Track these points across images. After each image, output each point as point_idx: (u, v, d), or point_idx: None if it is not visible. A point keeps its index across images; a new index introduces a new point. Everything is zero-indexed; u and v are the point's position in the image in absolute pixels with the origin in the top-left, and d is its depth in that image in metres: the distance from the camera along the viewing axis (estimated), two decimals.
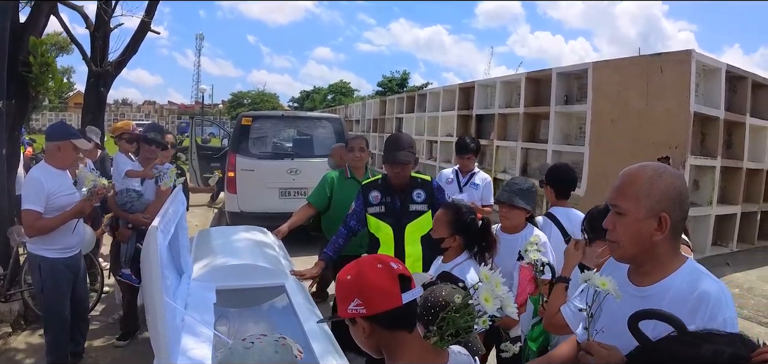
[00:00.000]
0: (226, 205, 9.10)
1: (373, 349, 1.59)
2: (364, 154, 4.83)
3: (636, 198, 1.69)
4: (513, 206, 3.34)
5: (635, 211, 1.69)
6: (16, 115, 6.02)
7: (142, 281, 2.13)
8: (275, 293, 3.16)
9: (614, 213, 1.75)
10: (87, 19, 8.08)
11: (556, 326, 2.46)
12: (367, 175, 4.80)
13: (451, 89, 18.81)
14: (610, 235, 1.77)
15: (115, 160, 5.03)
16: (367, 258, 1.63)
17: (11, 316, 5.33)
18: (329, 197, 4.79)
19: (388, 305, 1.51)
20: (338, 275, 1.61)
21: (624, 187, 1.74)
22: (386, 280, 1.52)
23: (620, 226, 1.73)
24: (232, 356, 1.61)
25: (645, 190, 1.69)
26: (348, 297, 1.53)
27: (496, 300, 1.89)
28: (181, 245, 2.91)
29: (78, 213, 4.10)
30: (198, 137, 14.56)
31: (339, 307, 1.57)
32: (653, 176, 1.70)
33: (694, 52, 9.88)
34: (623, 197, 1.72)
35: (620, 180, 1.77)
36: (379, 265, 1.56)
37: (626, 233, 1.71)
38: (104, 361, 4.74)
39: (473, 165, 5.26)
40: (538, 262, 2.91)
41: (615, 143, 11.10)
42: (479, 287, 1.85)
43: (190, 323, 2.43)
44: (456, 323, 1.85)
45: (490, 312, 1.88)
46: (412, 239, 3.68)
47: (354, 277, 1.54)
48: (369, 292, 1.51)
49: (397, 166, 3.68)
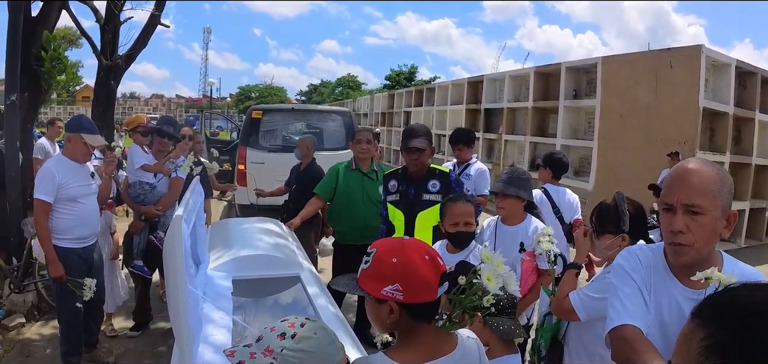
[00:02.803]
0: (237, 197, 9.17)
1: (390, 329, 1.60)
2: (370, 146, 4.87)
3: (713, 196, 1.62)
4: (506, 195, 3.37)
5: (714, 209, 1.62)
6: (28, 108, 6.08)
7: (165, 268, 2.15)
8: (290, 283, 3.19)
9: (687, 214, 1.64)
10: (97, 12, 8.10)
11: (564, 311, 2.50)
12: (372, 168, 4.87)
13: (460, 83, 18.81)
14: (681, 238, 1.65)
15: (129, 153, 5.08)
16: (414, 245, 1.58)
17: (25, 307, 5.39)
18: (334, 188, 4.84)
19: (426, 298, 1.51)
20: (379, 252, 1.57)
21: (700, 185, 1.63)
22: (431, 274, 1.52)
23: (697, 226, 1.63)
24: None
25: (717, 187, 1.62)
26: (389, 279, 1.51)
27: (499, 279, 1.90)
28: (199, 235, 2.94)
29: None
30: (207, 130, 14.62)
31: (372, 283, 1.54)
32: (720, 173, 1.65)
33: (704, 48, 9.86)
34: (701, 195, 1.62)
35: (691, 178, 1.65)
36: (427, 256, 1.54)
37: (704, 234, 1.63)
38: (117, 351, 4.79)
39: (469, 156, 5.27)
40: (550, 252, 2.93)
41: (624, 138, 11.10)
42: (481, 268, 1.86)
43: (209, 312, 2.47)
44: (462, 304, 1.88)
45: (493, 291, 1.89)
46: (423, 227, 3.75)
47: (400, 262, 1.51)
48: (412, 282, 1.50)
49: (413, 153, 3.79)
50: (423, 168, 3.87)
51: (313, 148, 6.07)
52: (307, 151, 6.00)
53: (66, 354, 4.24)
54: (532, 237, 3.22)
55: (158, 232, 4.90)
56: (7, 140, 5.56)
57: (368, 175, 4.82)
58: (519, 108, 15.01)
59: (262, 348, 1.43)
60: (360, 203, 4.74)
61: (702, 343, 0.85)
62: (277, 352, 1.43)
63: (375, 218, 4.55)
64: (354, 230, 4.75)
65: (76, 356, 4.29)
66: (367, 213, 4.64)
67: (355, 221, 4.73)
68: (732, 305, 0.87)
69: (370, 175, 4.82)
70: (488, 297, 1.88)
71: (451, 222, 3.04)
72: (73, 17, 8.58)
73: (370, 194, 4.73)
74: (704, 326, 0.87)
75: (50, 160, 4.37)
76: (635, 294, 1.75)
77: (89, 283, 4.09)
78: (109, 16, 7.98)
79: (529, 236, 3.27)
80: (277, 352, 1.43)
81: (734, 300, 0.88)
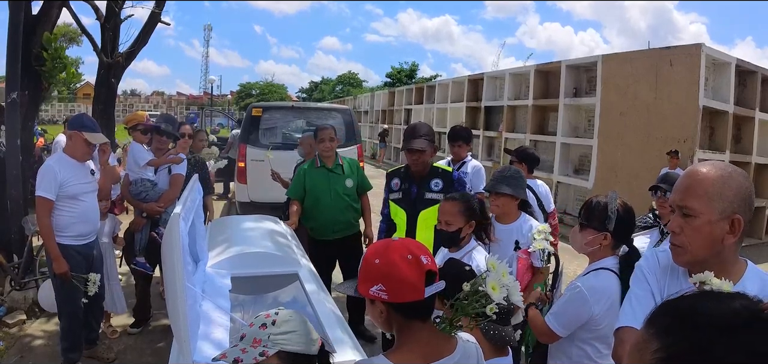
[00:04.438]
0: (237, 195, 9.20)
1: (387, 328, 1.64)
2: (332, 144, 4.96)
3: (708, 199, 1.59)
4: (498, 194, 3.40)
5: (708, 212, 1.59)
6: (29, 105, 6.11)
7: (164, 266, 2.18)
8: (288, 280, 3.21)
9: (681, 215, 1.64)
10: (97, 10, 8.12)
11: (549, 336, 2.55)
12: (337, 162, 4.97)
13: (460, 81, 18.82)
14: (676, 239, 1.66)
15: (130, 150, 5.10)
16: (398, 246, 1.61)
17: (25, 304, 5.42)
18: (303, 187, 4.92)
19: (411, 297, 1.54)
20: (366, 252, 1.64)
21: (693, 187, 1.62)
22: (413, 274, 1.54)
23: (689, 229, 1.62)
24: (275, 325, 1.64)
25: (717, 190, 1.59)
26: (373, 280, 1.56)
27: (503, 289, 1.93)
28: (198, 233, 2.96)
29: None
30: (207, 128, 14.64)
31: (362, 284, 1.60)
32: (724, 176, 1.60)
33: (704, 46, 9.86)
34: (693, 198, 1.61)
35: (687, 180, 1.65)
36: (410, 256, 1.56)
37: (696, 237, 1.60)
38: (118, 347, 4.82)
39: (465, 153, 5.29)
40: (544, 251, 2.95)
41: (624, 136, 11.11)
42: (486, 276, 1.89)
43: (207, 309, 2.49)
44: (464, 310, 1.90)
45: (497, 300, 1.91)
46: (424, 226, 3.77)
47: (382, 263, 1.56)
48: (394, 282, 1.53)
49: (414, 153, 3.84)
50: (425, 167, 3.91)
51: (315, 146, 6.09)
52: (309, 149, 6.02)
53: (66, 350, 4.26)
54: (527, 235, 3.24)
55: (160, 228, 4.93)
56: (8, 138, 5.59)
57: (334, 171, 4.93)
58: (519, 106, 15.01)
59: (249, 342, 1.60)
60: (327, 198, 4.85)
61: (655, 355, 0.78)
62: (265, 339, 1.61)
63: (343, 212, 4.76)
64: (324, 225, 4.86)
65: (77, 352, 4.32)
66: (335, 207, 4.81)
67: (324, 216, 4.84)
68: (691, 317, 0.79)
69: (335, 171, 4.94)
70: (491, 306, 1.90)
71: (438, 219, 3.06)
72: (74, 15, 8.60)
73: (337, 189, 4.86)
74: (658, 336, 0.80)
75: (51, 157, 4.40)
76: (645, 297, 1.75)
77: (93, 278, 4.14)
78: (109, 14, 7.99)
79: (525, 234, 3.29)
80: (265, 340, 1.61)
81: (693, 310, 0.80)
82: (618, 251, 2.57)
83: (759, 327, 0.74)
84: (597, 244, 2.53)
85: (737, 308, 0.78)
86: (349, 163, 5.06)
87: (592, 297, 2.38)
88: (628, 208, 2.61)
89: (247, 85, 74.86)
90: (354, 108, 28.33)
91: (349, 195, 4.92)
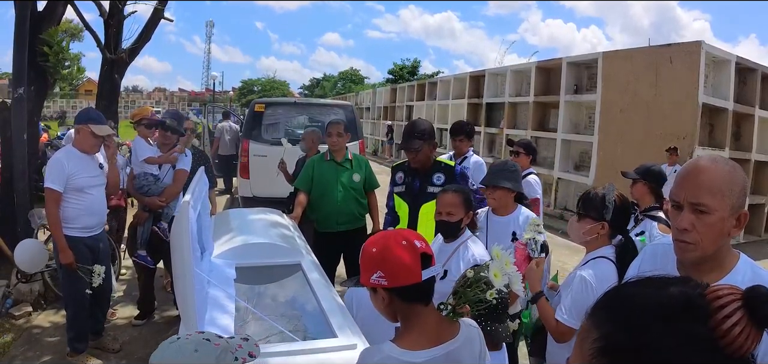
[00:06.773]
0: (239, 190, 9.26)
1: (391, 316, 1.71)
2: (340, 139, 5.02)
3: (721, 195, 1.57)
4: (496, 187, 3.48)
5: (722, 209, 1.57)
6: (35, 101, 6.18)
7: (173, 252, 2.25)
8: (292, 270, 3.28)
9: (694, 212, 1.59)
10: (101, 7, 8.16)
11: (564, 334, 2.49)
12: (347, 157, 5.05)
13: (462, 77, 18.85)
14: (687, 236, 1.61)
15: (133, 146, 5.16)
16: (393, 233, 1.71)
17: (32, 296, 5.49)
18: (312, 179, 5.01)
19: (408, 280, 1.62)
20: (365, 244, 1.72)
21: (708, 183, 1.58)
22: (409, 257, 1.62)
23: (703, 226, 1.58)
24: (157, 353, 1.54)
25: (728, 186, 1.58)
26: (372, 268, 1.64)
27: (505, 276, 1.99)
28: (204, 224, 3.03)
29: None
30: (209, 124, 14.71)
31: (362, 275, 1.68)
32: (731, 171, 1.60)
33: (704, 44, 9.90)
34: (709, 194, 1.57)
35: (697, 176, 1.61)
36: (404, 242, 1.65)
37: (710, 233, 1.58)
38: (123, 339, 4.88)
39: (466, 148, 5.34)
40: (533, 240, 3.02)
41: (624, 133, 11.16)
42: (490, 264, 1.95)
43: (213, 296, 2.56)
44: (466, 296, 1.97)
45: (498, 286, 1.98)
46: (426, 219, 3.84)
47: (379, 251, 1.65)
48: (391, 267, 1.62)
49: (410, 152, 3.96)
50: (426, 162, 4.00)
51: (318, 141, 6.17)
52: (312, 144, 6.09)
53: (73, 340, 4.35)
54: (523, 226, 3.32)
55: (162, 223, 4.99)
56: (14, 133, 5.66)
57: (342, 165, 5.01)
58: (520, 103, 15.06)
59: None
60: (335, 189, 4.92)
61: (595, 344, 0.80)
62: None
63: (348, 203, 4.85)
64: (329, 216, 4.92)
65: (83, 342, 4.40)
66: (341, 198, 4.89)
67: (331, 207, 4.90)
68: (628, 305, 0.81)
69: (344, 165, 5.01)
70: (491, 291, 1.96)
71: (437, 211, 3.13)
72: (78, 12, 8.64)
73: (344, 182, 4.94)
74: (597, 326, 0.81)
75: (60, 150, 4.47)
76: None
77: (99, 269, 4.21)
78: (113, 11, 8.03)
79: (521, 226, 3.37)
80: None
81: (631, 298, 0.82)
82: (614, 241, 2.66)
83: (694, 313, 0.76)
84: (594, 233, 2.61)
85: (674, 293, 0.79)
86: (358, 159, 5.14)
87: (598, 286, 2.42)
88: (624, 199, 2.70)
89: (250, 82, 74.75)
90: (356, 104, 28.31)
91: (356, 189, 4.98)
